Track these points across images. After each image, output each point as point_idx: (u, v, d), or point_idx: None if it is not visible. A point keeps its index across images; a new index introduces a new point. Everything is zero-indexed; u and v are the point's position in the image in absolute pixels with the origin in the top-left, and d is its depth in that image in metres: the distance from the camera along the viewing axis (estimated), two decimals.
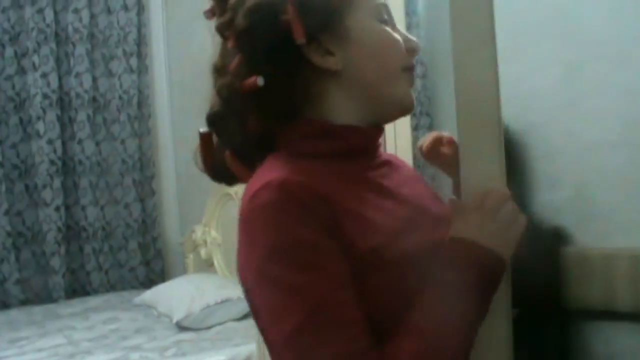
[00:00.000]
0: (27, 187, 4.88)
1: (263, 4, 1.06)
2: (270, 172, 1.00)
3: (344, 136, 1.11)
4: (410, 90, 1.14)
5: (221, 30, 1.15)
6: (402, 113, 1.18)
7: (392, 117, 1.19)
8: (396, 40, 1.12)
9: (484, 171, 1.09)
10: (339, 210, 0.98)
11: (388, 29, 1.12)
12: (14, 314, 4.38)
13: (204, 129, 1.18)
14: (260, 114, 1.11)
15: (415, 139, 2.57)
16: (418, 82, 3.20)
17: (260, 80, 1.05)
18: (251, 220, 0.97)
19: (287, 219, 0.94)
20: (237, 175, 1.16)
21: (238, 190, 3.98)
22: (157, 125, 5.29)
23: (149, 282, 4.97)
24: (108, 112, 5.16)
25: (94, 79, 5.10)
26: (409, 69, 1.14)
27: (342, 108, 1.11)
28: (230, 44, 1.12)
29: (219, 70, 1.18)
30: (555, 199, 2.56)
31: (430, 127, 3.79)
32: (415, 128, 3.18)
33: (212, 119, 1.15)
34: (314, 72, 1.08)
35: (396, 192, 1.13)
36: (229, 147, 1.15)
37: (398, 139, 2.12)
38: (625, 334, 2.39)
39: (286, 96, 1.09)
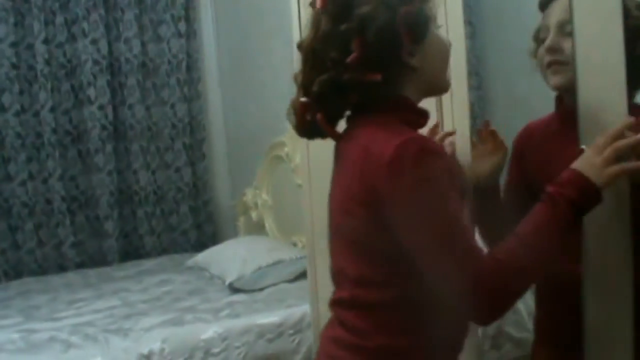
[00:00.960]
0: (80, 152, 4.95)
1: (385, 21, 1.38)
2: (398, 133, 1.35)
3: (420, 112, 1.51)
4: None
5: (343, 31, 1.40)
6: (441, 94, 1.80)
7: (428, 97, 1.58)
8: (448, 44, 1.51)
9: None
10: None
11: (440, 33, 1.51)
12: (71, 276, 4.47)
13: (304, 99, 1.46)
14: (364, 93, 1.42)
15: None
16: (468, 43, 3.16)
17: (379, 76, 1.38)
18: (409, 161, 1.30)
19: (437, 160, 1.34)
20: (328, 133, 1.47)
21: (289, 152, 3.99)
22: (206, 89, 5.31)
23: (201, 245, 5.01)
24: (157, 76, 5.19)
25: (143, 44, 5.13)
26: None
27: (410, 91, 1.47)
28: (355, 45, 1.38)
29: (317, 53, 1.45)
30: None
31: (480, 87, 3.75)
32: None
33: (320, 95, 1.42)
34: (403, 67, 1.43)
35: None
36: (326, 113, 1.45)
37: (454, 98, 2.10)
38: None
39: (384, 82, 1.40)
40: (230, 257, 3.90)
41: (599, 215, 1.41)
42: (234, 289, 3.61)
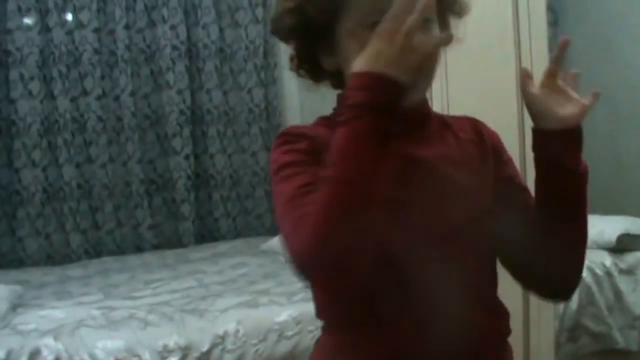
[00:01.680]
0: (158, 136, 5.05)
1: None
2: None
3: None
4: None
5: None
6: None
7: None
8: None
9: None
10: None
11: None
12: (148, 257, 4.57)
13: None
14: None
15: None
16: (549, 30, 3.12)
17: None
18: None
19: (286, 139, 1.27)
20: None
21: None
22: (282, 75, 5.34)
23: (275, 229, 5.04)
24: (234, 62, 5.25)
25: (221, 30, 5.20)
26: None
27: None
28: None
29: None
30: None
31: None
32: None
33: None
34: None
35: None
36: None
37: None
38: None
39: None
40: None
41: None
42: None
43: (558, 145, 1.30)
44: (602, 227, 3.60)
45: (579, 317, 3.36)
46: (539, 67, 2.03)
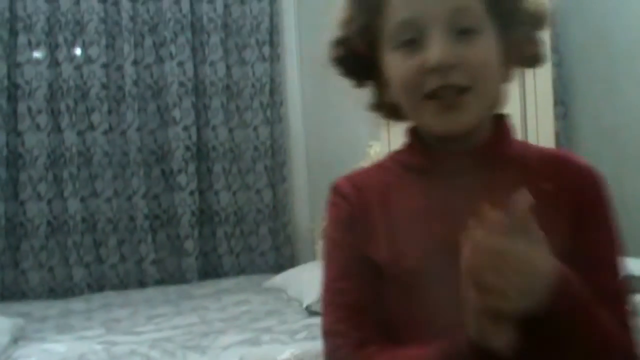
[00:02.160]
0: (163, 171, 5.06)
1: None
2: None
3: (409, 151, 1.23)
4: (442, 115, 1.10)
5: None
6: (441, 137, 1.15)
7: (438, 140, 1.17)
8: (408, 70, 1.10)
9: None
10: (369, 218, 1.18)
11: (400, 56, 1.11)
12: (150, 292, 4.56)
13: None
14: None
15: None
16: (554, 71, 3.14)
17: None
18: None
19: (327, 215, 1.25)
20: None
21: None
22: (288, 113, 5.37)
23: (279, 267, 5.05)
24: (241, 99, 5.27)
25: (228, 67, 5.23)
26: (432, 94, 1.08)
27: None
28: None
29: None
30: None
31: (565, 117, 3.71)
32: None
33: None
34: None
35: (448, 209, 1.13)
36: None
37: (540, 127, 2.10)
38: None
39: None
40: (308, 280, 3.92)
41: None
42: (311, 312, 3.62)
43: None
44: None
45: None
46: (543, 106, 2.05)
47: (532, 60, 1.20)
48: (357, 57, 1.20)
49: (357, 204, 1.20)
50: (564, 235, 1.10)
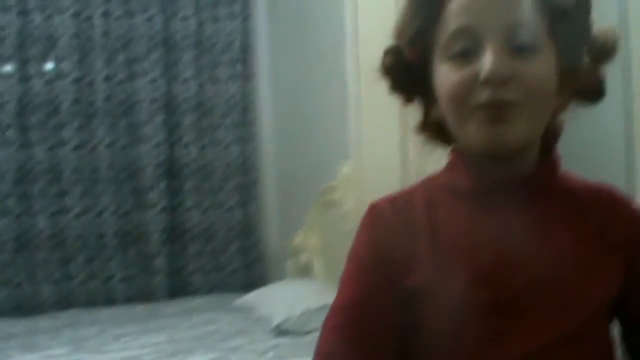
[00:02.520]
0: (134, 188, 5.03)
1: None
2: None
3: (454, 174, 1.17)
4: (488, 127, 1.04)
5: None
6: (485, 154, 1.08)
7: (485, 157, 1.10)
8: (459, 80, 1.05)
9: None
10: (413, 243, 1.12)
11: (452, 66, 1.06)
12: (119, 310, 4.51)
13: None
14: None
15: None
16: None
17: None
18: None
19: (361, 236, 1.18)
20: None
21: (340, 197, 4.00)
22: (260, 132, 5.37)
23: (249, 286, 5.02)
24: (213, 117, 5.26)
25: (200, 85, 5.22)
26: (483, 106, 1.03)
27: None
28: None
29: None
30: None
31: None
32: None
33: None
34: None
35: (489, 239, 1.09)
36: None
37: None
38: None
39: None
40: (277, 299, 3.91)
41: None
42: (280, 332, 3.61)
43: None
44: None
45: None
46: None
47: (591, 94, 1.14)
48: (409, 67, 1.15)
49: (400, 227, 1.14)
50: (617, 271, 1.09)
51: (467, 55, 1.04)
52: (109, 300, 4.83)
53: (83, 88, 4.87)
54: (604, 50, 1.11)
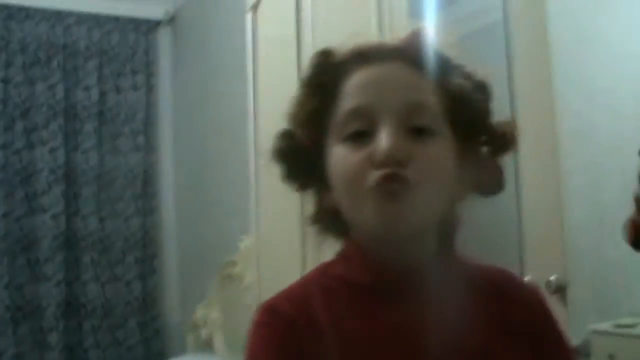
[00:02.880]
0: (28, 261, 4.87)
1: None
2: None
3: (351, 267, 1.08)
4: (382, 207, 0.98)
5: None
6: (382, 237, 1.03)
7: (382, 243, 1.05)
8: (353, 162, 1.00)
9: None
10: (319, 340, 1.01)
11: (346, 148, 1.01)
12: None
13: None
14: None
15: None
16: None
17: None
18: None
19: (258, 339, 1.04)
20: None
21: (240, 271, 3.97)
22: (160, 204, 5.31)
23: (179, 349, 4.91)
24: (113, 189, 5.18)
25: (101, 156, 5.14)
26: (378, 184, 0.97)
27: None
28: None
29: None
30: None
31: None
32: None
33: None
34: None
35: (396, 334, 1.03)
36: None
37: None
38: None
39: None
40: None
41: None
42: None
43: None
44: None
45: None
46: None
47: (490, 187, 1.10)
48: (302, 152, 1.09)
49: (301, 325, 1.03)
50: (524, 353, 1.06)
51: (362, 136, 1.00)
52: None
53: None
54: (504, 142, 1.08)
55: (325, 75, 1.07)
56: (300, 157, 1.10)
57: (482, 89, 1.07)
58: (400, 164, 0.96)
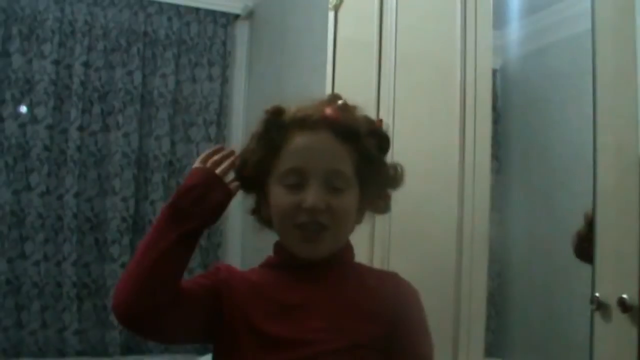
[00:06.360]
0: (96, 240, 4.96)
1: None
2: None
3: (279, 261, 1.63)
4: (304, 243, 1.52)
5: None
6: (304, 260, 1.55)
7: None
8: (288, 204, 1.51)
9: None
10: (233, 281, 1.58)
11: (285, 190, 1.52)
12: None
13: None
14: None
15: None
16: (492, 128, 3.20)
17: None
18: None
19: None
20: None
21: None
22: None
23: (202, 348, 4.93)
24: (182, 175, 5.24)
25: (173, 144, 5.22)
26: (301, 226, 1.50)
27: None
28: None
29: None
30: None
31: (499, 171, 3.76)
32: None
33: None
34: None
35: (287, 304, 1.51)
36: None
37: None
38: None
39: None
40: None
41: None
42: None
43: None
44: None
45: None
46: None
47: (381, 210, 1.66)
48: (249, 178, 1.61)
49: (234, 274, 1.60)
50: (383, 326, 1.48)
51: (297, 186, 1.50)
52: (60, 352, 4.69)
53: (55, 135, 4.83)
54: (394, 180, 1.64)
55: (273, 133, 1.57)
56: (248, 180, 1.62)
57: (384, 141, 1.63)
58: (320, 212, 1.48)
